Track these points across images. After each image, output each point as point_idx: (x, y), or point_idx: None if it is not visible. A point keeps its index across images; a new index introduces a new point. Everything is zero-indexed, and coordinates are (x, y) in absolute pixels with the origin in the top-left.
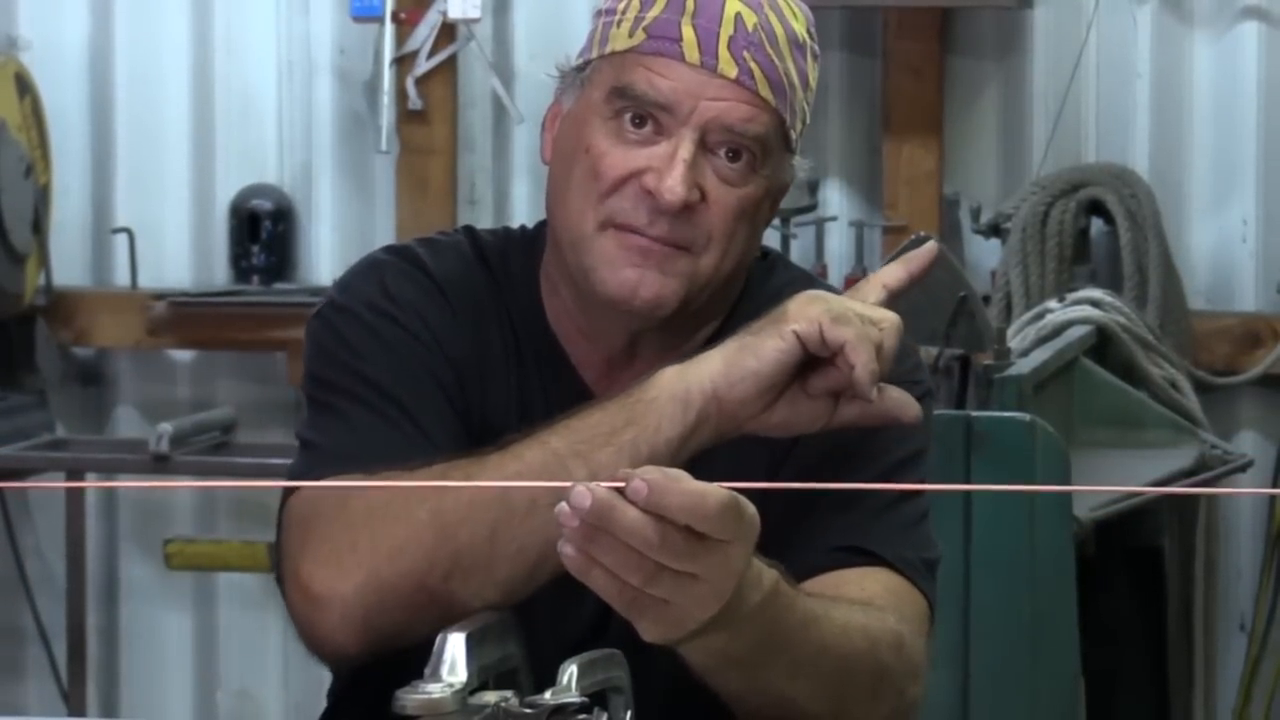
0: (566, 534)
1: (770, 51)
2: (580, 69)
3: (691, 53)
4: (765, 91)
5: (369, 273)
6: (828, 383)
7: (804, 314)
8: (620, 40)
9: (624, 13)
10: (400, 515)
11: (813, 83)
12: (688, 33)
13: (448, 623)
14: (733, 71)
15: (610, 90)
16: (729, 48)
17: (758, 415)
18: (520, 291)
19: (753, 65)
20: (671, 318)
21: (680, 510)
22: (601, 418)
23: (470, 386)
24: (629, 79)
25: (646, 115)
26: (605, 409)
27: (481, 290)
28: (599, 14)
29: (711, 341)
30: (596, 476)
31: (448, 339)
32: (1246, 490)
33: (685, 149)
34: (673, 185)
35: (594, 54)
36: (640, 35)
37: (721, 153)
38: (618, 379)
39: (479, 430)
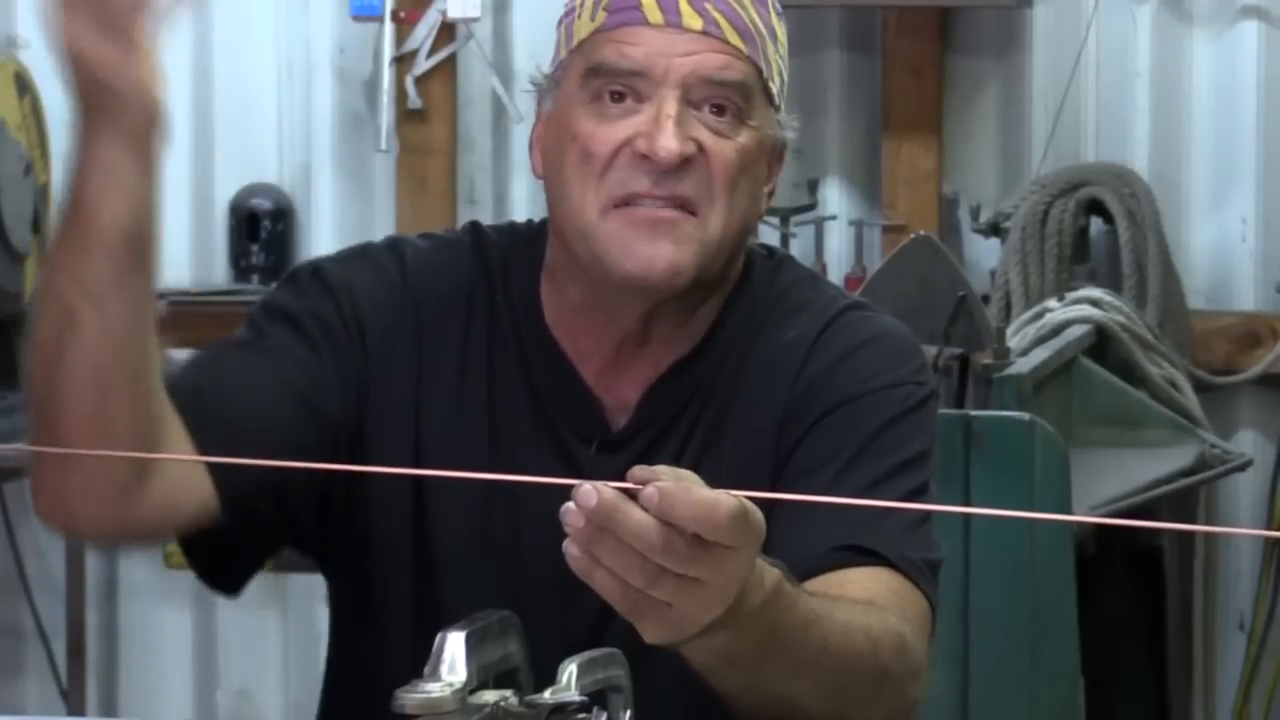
0: (571, 534)
1: (731, 1)
2: (554, 72)
3: (654, 14)
4: (734, 39)
5: (348, 252)
6: None
7: None
8: (584, 29)
9: (582, 5)
10: None
11: (782, 38)
12: None
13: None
14: (698, 24)
15: (584, 74)
16: (689, 3)
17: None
18: (518, 290)
19: (716, 15)
20: (688, 291)
21: (690, 519)
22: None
23: (404, 381)
24: (599, 57)
25: (624, 88)
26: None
27: (468, 289)
28: (561, 20)
29: (718, 321)
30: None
31: (383, 328)
32: (1245, 530)
33: (669, 106)
34: (665, 142)
35: (563, 54)
36: (601, 15)
37: (706, 109)
38: (619, 374)
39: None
